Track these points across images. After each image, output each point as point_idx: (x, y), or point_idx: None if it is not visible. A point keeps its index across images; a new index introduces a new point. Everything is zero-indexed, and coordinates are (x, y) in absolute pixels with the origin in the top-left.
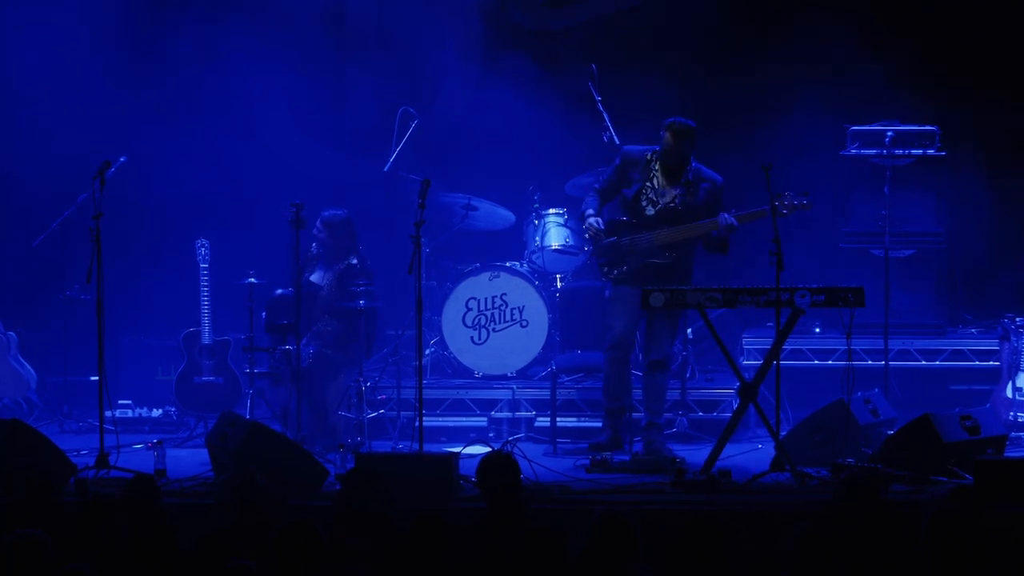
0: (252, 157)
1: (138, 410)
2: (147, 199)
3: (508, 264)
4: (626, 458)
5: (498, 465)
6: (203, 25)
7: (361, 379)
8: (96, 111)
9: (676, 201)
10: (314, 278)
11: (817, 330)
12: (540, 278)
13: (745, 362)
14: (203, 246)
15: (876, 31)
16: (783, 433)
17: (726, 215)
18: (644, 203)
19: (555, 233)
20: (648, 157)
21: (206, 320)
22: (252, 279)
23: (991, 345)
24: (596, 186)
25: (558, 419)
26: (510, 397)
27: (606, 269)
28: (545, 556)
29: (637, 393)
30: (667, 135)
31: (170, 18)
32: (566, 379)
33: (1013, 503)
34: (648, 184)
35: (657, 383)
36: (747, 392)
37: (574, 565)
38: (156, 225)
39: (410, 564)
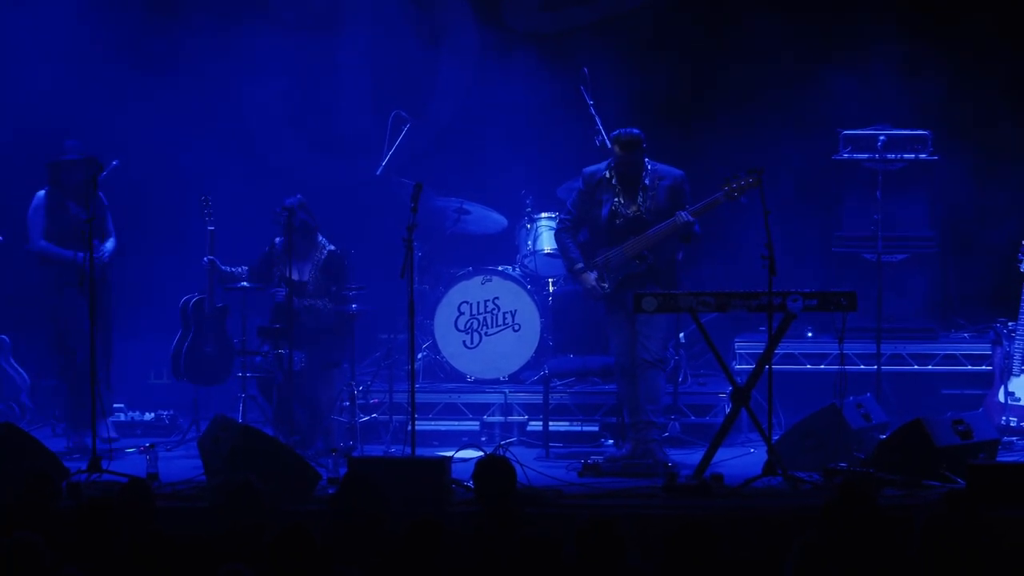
0: (243, 160)
1: (130, 414)
2: (139, 203)
3: (500, 268)
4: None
5: (494, 469)
6: (194, 28)
7: (353, 383)
8: (89, 115)
9: (640, 210)
10: (293, 275)
11: (809, 334)
12: (532, 282)
13: (737, 366)
14: (206, 203)
15: (870, 34)
16: (775, 437)
17: (682, 212)
18: (615, 219)
19: (547, 237)
20: (607, 174)
21: (213, 287)
22: (244, 283)
23: (983, 349)
24: (566, 218)
25: (550, 423)
26: (502, 401)
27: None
28: (541, 562)
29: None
30: (616, 148)
31: (161, 21)
32: (558, 383)
33: (1005, 507)
34: (615, 199)
35: (650, 381)
36: (739, 396)
37: (566, 570)
38: (148, 228)
39: (405, 567)
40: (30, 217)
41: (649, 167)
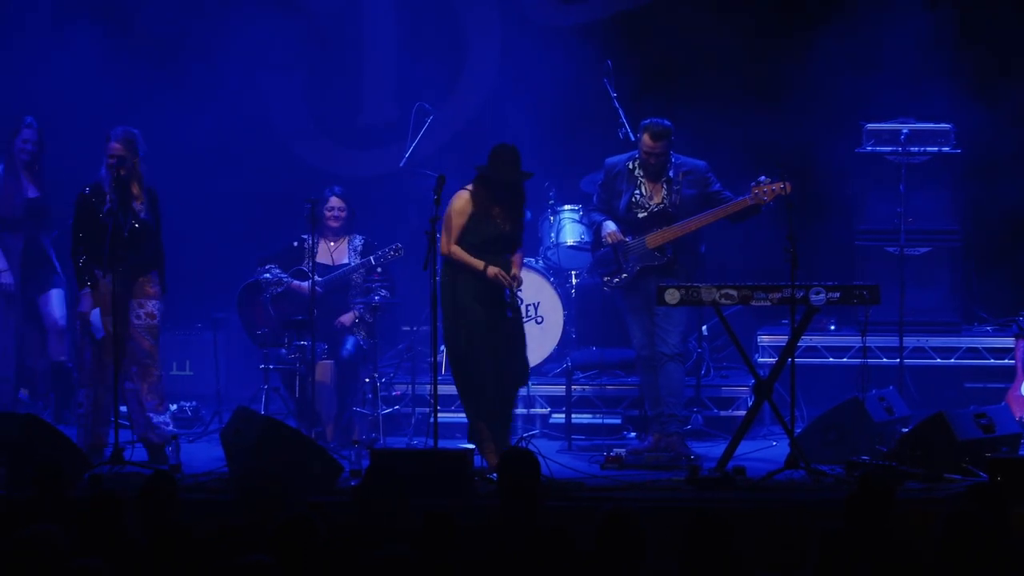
0: (266, 152)
1: None
2: (159, 195)
3: (523, 260)
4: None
5: (519, 461)
6: (215, 20)
7: (376, 375)
8: (111, 108)
9: (664, 202)
10: (324, 259)
11: (832, 327)
12: (555, 274)
13: (760, 359)
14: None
15: (892, 27)
16: (798, 430)
17: (747, 195)
18: (635, 210)
19: (570, 229)
20: (630, 166)
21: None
22: (267, 274)
23: (1006, 343)
24: (595, 205)
25: (573, 415)
26: (525, 393)
27: (606, 279)
28: (560, 554)
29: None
30: (644, 137)
31: (181, 12)
32: (581, 376)
33: None
34: (636, 191)
35: (670, 374)
36: (762, 389)
37: (584, 563)
38: (167, 221)
39: (423, 559)
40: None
41: (673, 160)
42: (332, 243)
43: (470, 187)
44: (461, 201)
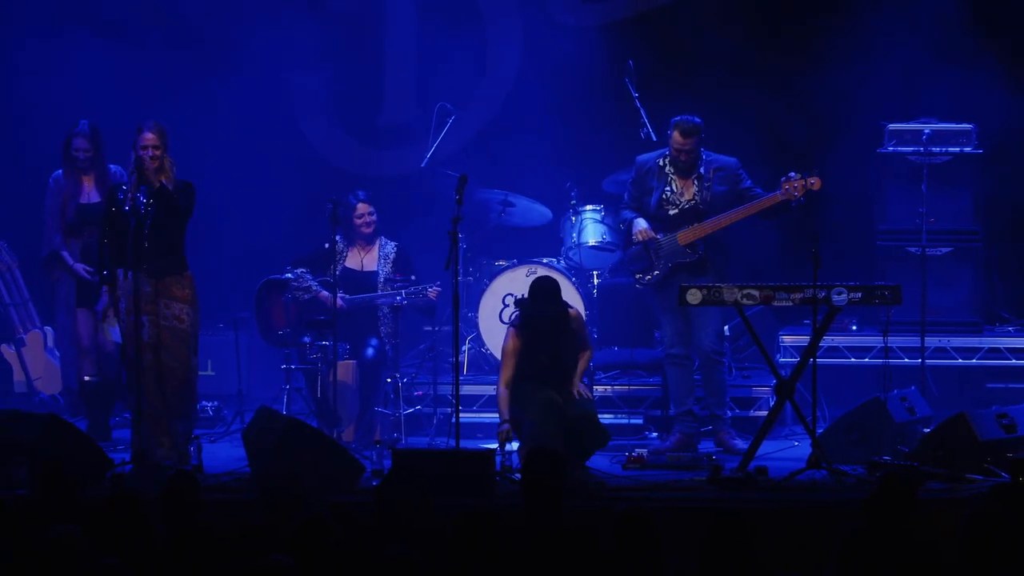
0: (288, 152)
1: None
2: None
3: (545, 260)
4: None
5: (543, 461)
6: (239, 18)
7: (398, 375)
8: (127, 107)
9: (696, 198)
10: (354, 264)
11: (854, 327)
12: (577, 275)
13: (782, 359)
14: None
15: (913, 26)
16: (819, 431)
17: (779, 191)
18: (666, 207)
19: (592, 230)
20: (660, 163)
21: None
22: (289, 274)
23: None
24: (627, 203)
25: None
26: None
27: (638, 276)
28: (580, 553)
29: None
30: (675, 134)
31: (203, 13)
32: (603, 376)
33: None
34: (667, 188)
35: (712, 375)
36: (784, 389)
37: (604, 563)
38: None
39: (458, 560)
40: None
41: (704, 157)
42: (362, 249)
43: (517, 323)
44: (509, 341)
